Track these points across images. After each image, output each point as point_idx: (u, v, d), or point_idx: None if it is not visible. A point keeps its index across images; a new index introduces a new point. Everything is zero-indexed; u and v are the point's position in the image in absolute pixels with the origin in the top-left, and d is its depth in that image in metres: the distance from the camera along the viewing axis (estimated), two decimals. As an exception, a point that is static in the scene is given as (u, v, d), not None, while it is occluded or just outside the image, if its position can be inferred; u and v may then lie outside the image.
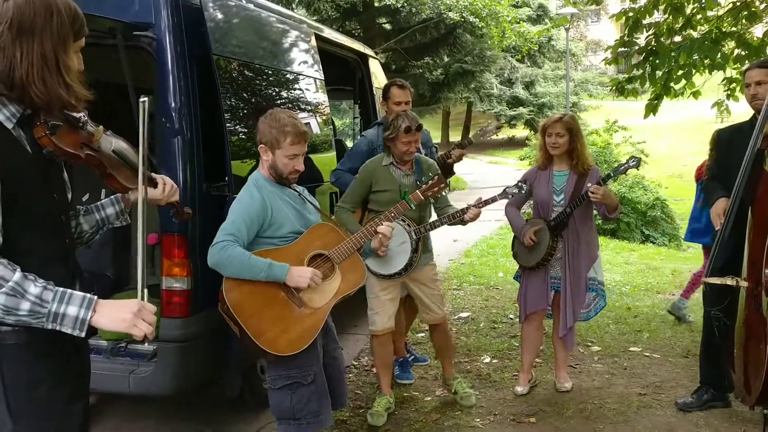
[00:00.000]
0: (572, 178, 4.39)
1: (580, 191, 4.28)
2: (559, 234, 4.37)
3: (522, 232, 4.43)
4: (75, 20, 1.90)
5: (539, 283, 4.51)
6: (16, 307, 1.73)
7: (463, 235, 11.67)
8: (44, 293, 1.77)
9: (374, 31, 21.52)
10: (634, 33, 5.78)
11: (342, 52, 6.20)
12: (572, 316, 4.45)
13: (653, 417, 4.23)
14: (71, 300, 1.80)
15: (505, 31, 19.09)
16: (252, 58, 4.21)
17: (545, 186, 4.43)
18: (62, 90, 1.86)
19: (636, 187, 13.33)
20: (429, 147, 4.97)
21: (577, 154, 4.35)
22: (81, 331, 1.81)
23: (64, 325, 1.79)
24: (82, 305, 1.80)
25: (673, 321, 6.37)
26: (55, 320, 1.78)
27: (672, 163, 24.69)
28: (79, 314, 1.79)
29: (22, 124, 1.89)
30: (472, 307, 7.03)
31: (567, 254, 4.40)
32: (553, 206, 4.41)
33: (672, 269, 9.18)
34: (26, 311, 1.74)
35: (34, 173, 1.88)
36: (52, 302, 1.77)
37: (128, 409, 4.44)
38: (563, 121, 4.37)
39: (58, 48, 1.85)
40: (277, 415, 3.13)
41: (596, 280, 4.54)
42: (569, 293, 4.43)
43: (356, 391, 4.81)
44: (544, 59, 35.64)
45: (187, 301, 3.57)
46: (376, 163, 4.16)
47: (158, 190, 2.33)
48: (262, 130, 3.12)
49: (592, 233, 4.54)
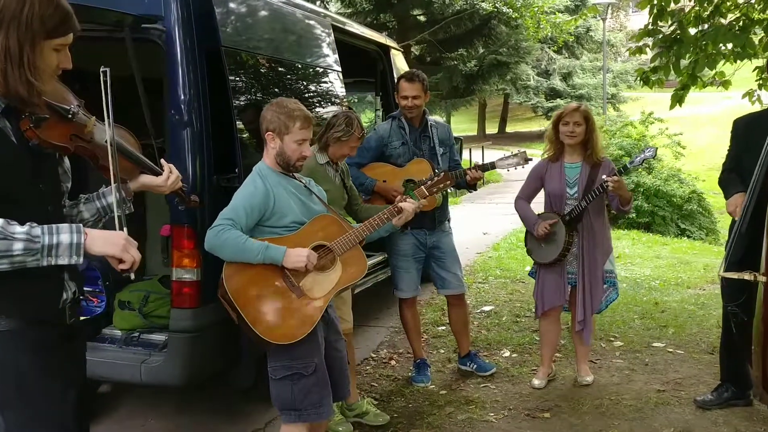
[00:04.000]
0: (585, 170, 4.31)
1: (593, 183, 4.21)
2: (575, 228, 4.30)
3: (535, 227, 4.37)
4: (52, 16, 1.86)
5: (556, 279, 4.44)
6: (8, 249, 1.76)
7: (494, 228, 11.61)
8: (32, 230, 1.80)
9: (408, 23, 21.43)
10: (658, 21, 5.64)
11: (362, 43, 6.18)
12: (589, 310, 4.39)
13: (671, 414, 4.14)
14: (60, 230, 1.84)
15: (540, 22, 18.82)
16: (263, 50, 4.21)
17: (557, 178, 4.36)
18: (22, 86, 1.83)
19: (671, 180, 13.05)
20: (449, 145, 4.78)
21: (591, 145, 4.28)
22: (78, 257, 1.85)
23: (60, 256, 1.83)
24: (71, 231, 1.85)
25: (702, 316, 6.23)
26: (50, 253, 1.81)
27: (712, 155, 24.04)
28: (72, 239, 1.83)
29: (8, 116, 1.90)
30: (495, 301, 6.98)
31: (582, 248, 4.32)
32: (567, 199, 4.33)
33: (704, 264, 8.97)
34: (20, 250, 1.77)
35: (18, 164, 1.90)
36: (43, 236, 1.81)
37: (145, 397, 4.50)
38: (581, 110, 4.30)
39: (25, 43, 1.82)
40: (279, 406, 3.14)
41: (612, 273, 4.47)
42: (586, 288, 4.36)
43: (372, 383, 4.81)
44: (582, 50, 35.14)
45: (197, 292, 3.59)
46: (312, 163, 3.85)
47: (162, 178, 2.35)
48: (268, 118, 3.11)
49: (606, 225, 4.46)
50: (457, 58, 22.85)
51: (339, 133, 3.86)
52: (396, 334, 5.82)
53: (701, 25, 5.81)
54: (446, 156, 4.71)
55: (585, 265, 4.34)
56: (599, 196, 4.21)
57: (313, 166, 3.81)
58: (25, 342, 1.92)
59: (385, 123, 4.76)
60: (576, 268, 4.38)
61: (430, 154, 4.60)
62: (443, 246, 4.70)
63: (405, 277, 4.64)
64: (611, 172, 4.17)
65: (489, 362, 4.96)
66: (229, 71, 3.71)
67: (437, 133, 4.67)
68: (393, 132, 4.59)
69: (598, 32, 31.18)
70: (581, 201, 4.23)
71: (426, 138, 4.64)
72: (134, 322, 3.95)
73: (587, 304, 4.38)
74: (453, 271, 4.72)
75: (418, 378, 4.77)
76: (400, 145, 4.57)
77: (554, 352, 4.84)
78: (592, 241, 4.33)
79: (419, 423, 4.13)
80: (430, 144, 4.63)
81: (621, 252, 10.02)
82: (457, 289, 4.75)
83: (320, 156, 3.93)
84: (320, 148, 3.93)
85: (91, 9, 3.36)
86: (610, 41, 32.88)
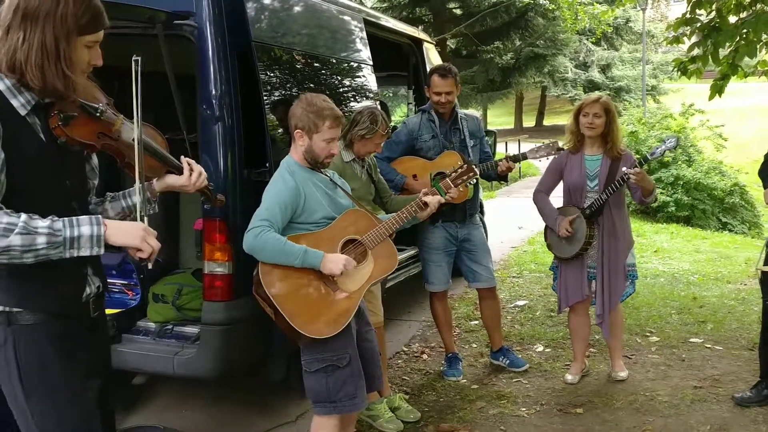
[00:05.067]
0: (606, 163, 4.26)
1: (614, 176, 4.15)
2: (595, 221, 4.24)
3: (556, 223, 4.32)
4: (85, 13, 1.91)
5: (577, 274, 4.40)
6: (32, 243, 1.80)
7: (529, 223, 11.50)
8: (54, 224, 1.84)
9: (444, 16, 21.37)
10: (696, 9, 5.51)
11: (395, 37, 6.16)
12: (608, 304, 4.34)
13: (707, 411, 4.06)
14: (80, 222, 1.88)
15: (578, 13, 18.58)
16: (294, 45, 4.22)
17: (578, 170, 4.31)
18: (59, 81, 1.88)
19: (712, 173, 12.80)
20: (479, 137, 4.73)
21: (611, 137, 4.23)
22: (99, 248, 1.89)
23: (82, 248, 1.87)
24: (92, 224, 1.88)
25: (742, 311, 6.09)
26: (72, 246, 1.85)
27: (758, 147, 23.51)
28: (93, 231, 1.87)
29: (38, 113, 1.94)
30: (529, 295, 6.92)
31: (603, 242, 4.27)
32: (587, 192, 4.28)
33: (746, 258, 8.77)
34: (44, 244, 1.81)
35: (46, 160, 1.94)
36: (65, 229, 1.85)
37: (180, 390, 4.57)
38: (601, 101, 4.26)
39: (60, 38, 1.87)
40: (313, 398, 3.16)
41: (633, 266, 4.44)
42: (606, 282, 4.31)
43: (404, 377, 4.81)
44: (621, 41, 34.62)
45: (229, 285, 3.63)
46: (338, 161, 3.84)
47: (184, 177, 2.32)
48: (297, 115, 3.12)
49: (626, 218, 4.42)
50: (494, 51, 22.74)
51: (363, 130, 3.86)
52: (428, 327, 5.81)
53: (742, 13, 5.66)
54: (477, 148, 4.67)
55: (606, 258, 4.28)
56: (620, 188, 4.15)
57: (340, 164, 3.81)
58: (49, 334, 1.97)
59: (415, 117, 4.74)
60: (596, 262, 4.33)
61: (461, 147, 4.57)
62: (474, 239, 4.67)
63: (435, 270, 4.63)
64: (632, 164, 4.11)
65: (522, 358, 4.92)
66: (259, 66, 3.74)
67: (467, 126, 4.64)
68: (423, 125, 4.57)
69: (638, 23, 30.70)
70: (602, 194, 4.18)
71: (456, 131, 4.61)
72: (168, 314, 4.00)
73: (605, 297, 4.33)
74: (484, 264, 4.69)
75: (449, 372, 4.76)
76: (430, 138, 4.55)
77: (586, 347, 4.78)
78: (614, 234, 4.28)
79: (450, 417, 4.12)
80: (461, 136, 4.60)
81: (659, 246, 9.87)
82: (487, 283, 4.72)
83: (346, 153, 3.93)
84: (345, 145, 3.92)
85: (125, 6, 3.41)
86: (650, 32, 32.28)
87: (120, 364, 3.70)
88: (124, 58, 2.34)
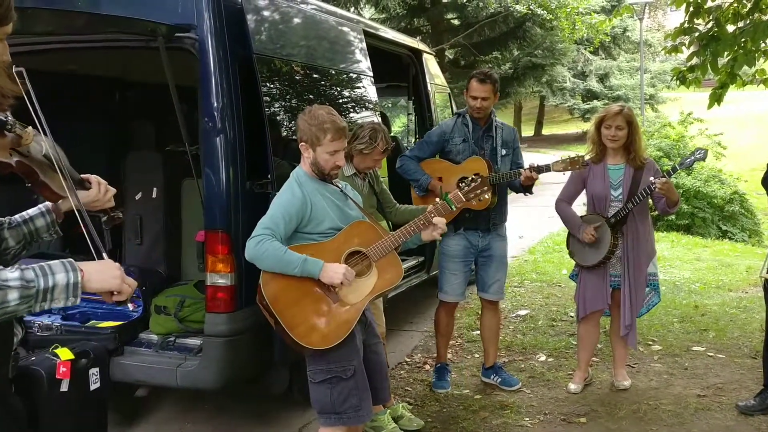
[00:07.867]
0: (629, 172, 4.26)
1: (638, 185, 4.15)
2: (619, 230, 4.24)
3: (580, 230, 4.31)
4: None
5: (598, 282, 4.37)
6: (3, 301, 1.54)
7: (530, 232, 11.49)
8: (25, 273, 1.57)
9: (442, 26, 21.41)
10: (695, 19, 5.54)
11: (394, 48, 6.19)
12: (632, 313, 4.33)
13: (711, 420, 4.06)
14: (53, 269, 1.61)
15: (575, 23, 18.65)
16: (295, 57, 4.24)
17: (601, 180, 4.30)
18: None
19: (712, 181, 12.76)
20: (513, 147, 4.58)
21: (635, 147, 4.22)
22: (76, 298, 1.63)
23: (55, 300, 1.60)
24: (66, 270, 1.62)
25: (744, 319, 6.09)
26: (44, 298, 1.59)
27: (757, 155, 23.53)
28: (69, 279, 1.61)
29: None
30: (531, 305, 6.91)
31: (627, 251, 4.26)
32: (611, 201, 4.27)
33: (747, 266, 8.75)
34: (16, 299, 1.55)
35: None
36: (38, 278, 1.58)
37: (181, 402, 4.56)
38: (624, 113, 4.24)
39: None
40: (318, 409, 3.16)
41: (655, 275, 4.43)
42: (629, 291, 4.29)
43: (407, 387, 4.79)
44: (619, 51, 34.70)
45: (232, 297, 3.64)
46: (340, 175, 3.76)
47: (93, 191, 2.06)
48: (301, 128, 3.14)
49: (650, 228, 4.41)
50: (492, 61, 22.75)
51: (362, 145, 3.90)
52: (430, 338, 5.80)
53: (740, 22, 5.68)
54: (508, 158, 4.54)
55: (629, 267, 4.27)
56: (645, 198, 4.15)
57: (341, 178, 3.77)
58: None
59: (450, 119, 4.67)
60: (620, 271, 4.32)
61: (491, 154, 4.48)
62: (494, 251, 4.57)
63: (450, 278, 4.56)
64: (657, 174, 4.11)
65: (514, 376, 4.78)
66: (261, 78, 3.76)
67: (501, 134, 4.53)
68: (456, 128, 4.50)
69: (636, 32, 30.75)
70: (627, 203, 4.17)
71: (489, 138, 4.51)
72: (170, 326, 4.00)
73: (629, 307, 4.31)
74: (497, 277, 4.61)
75: (438, 384, 4.69)
76: (461, 142, 4.48)
77: (591, 356, 4.77)
78: (637, 244, 4.27)
79: (453, 428, 4.11)
80: (493, 144, 4.49)
81: (660, 254, 9.80)
82: (495, 296, 4.66)
83: (347, 168, 3.94)
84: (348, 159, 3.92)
85: (126, 19, 3.43)
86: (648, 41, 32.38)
87: (122, 377, 3.71)
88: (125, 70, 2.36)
